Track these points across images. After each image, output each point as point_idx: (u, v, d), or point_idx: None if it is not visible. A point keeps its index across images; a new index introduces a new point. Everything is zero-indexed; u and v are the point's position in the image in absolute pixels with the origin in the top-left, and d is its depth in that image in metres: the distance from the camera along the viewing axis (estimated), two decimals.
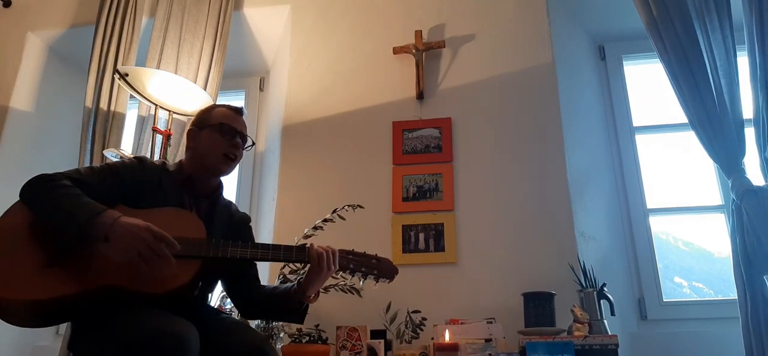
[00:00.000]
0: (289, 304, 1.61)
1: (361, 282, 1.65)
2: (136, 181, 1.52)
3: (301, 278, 1.59)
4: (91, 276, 1.33)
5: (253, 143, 1.71)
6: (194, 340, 1.25)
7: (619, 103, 2.93)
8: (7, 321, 1.33)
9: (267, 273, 2.55)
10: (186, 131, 1.69)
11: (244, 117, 1.71)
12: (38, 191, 1.38)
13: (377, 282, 1.64)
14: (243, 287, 1.70)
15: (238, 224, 1.73)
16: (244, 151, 1.69)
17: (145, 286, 1.34)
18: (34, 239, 1.36)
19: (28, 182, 1.40)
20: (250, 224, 1.79)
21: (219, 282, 1.72)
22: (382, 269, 1.64)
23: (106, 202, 1.40)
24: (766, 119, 2.27)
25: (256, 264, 1.75)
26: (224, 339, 1.41)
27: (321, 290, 2.20)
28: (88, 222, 1.31)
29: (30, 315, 1.35)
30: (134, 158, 1.60)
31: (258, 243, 1.56)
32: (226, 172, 1.67)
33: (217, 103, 1.74)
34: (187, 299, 1.47)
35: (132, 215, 1.40)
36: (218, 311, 1.70)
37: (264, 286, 1.73)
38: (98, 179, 1.47)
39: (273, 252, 1.54)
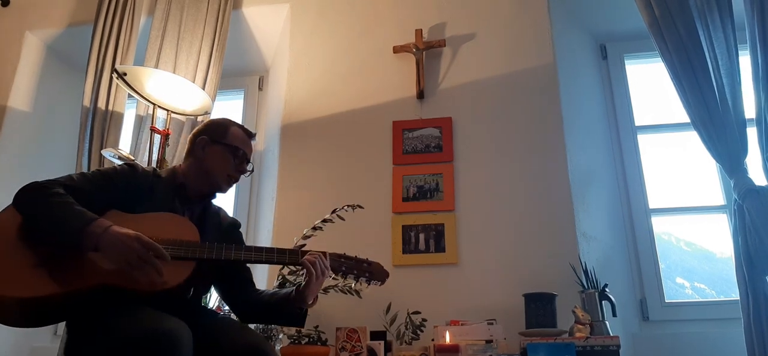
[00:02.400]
0: (288, 310, 1.62)
1: (353, 284, 1.68)
2: (129, 187, 1.52)
3: (299, 284, 1.60)
4: (85, 275, 1.34)
5: (253, 170, 1.74)
6: (186, 337, 1.25)
7: (620, 102, 2.92)
8: None
9: (266, 274, 2.54)
10: (194, 137, 1.69)
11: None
12: (31, 198, 1.38)
13: (369, 284, 1.67)
14: (239, 291, 1.71)
15: (228, 229, 1.74)
16: None
17: (139, 285, 1.34)
18: (27, 239, 1.36)
19: (22, 188, 1.40)
20: (240, 229, 1.81)
21: (212, 288, 1.73)
22: (373, 272, 1.67)
23: (99, 208, 1.41)
24: None
25: (249, 268, 1.76)
26: (223, 339, 1.40)
27: (321, 291, 2.21)
28: (78, 231, 1.32)
29: (21, 313, 1.35)
30: (126, 164, 1.60)
31: (251, 246, 1.58)
32: (225, 191, 1.70)
33: (232, 120, 1.77)
34: (181, 300, 1.47)
35: (126, 220, 1.42)
36: (215, 311, 1.70)
37: (261, 291, 1.73)
38: (91, 185, 1.48)
39: (266, 255, 1.56)
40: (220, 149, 1.65)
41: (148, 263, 1.33)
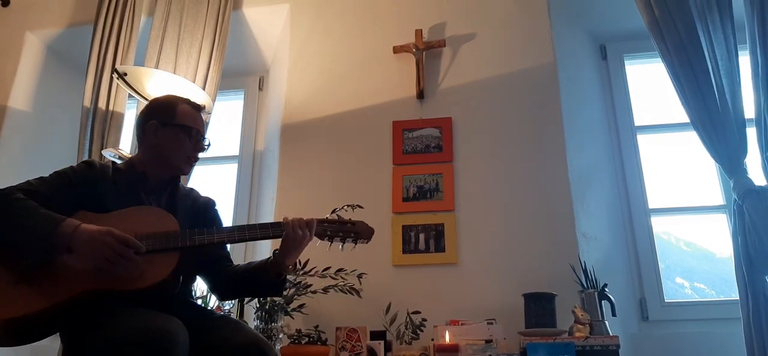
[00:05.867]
0: (266, 277, 1.60)
1: (341, 247, 1.65)
2: (89, 184, 1.49)
3: (277, 250, 1.57)
4: (66, 284, 1.30)
5: (210, 144, 1.69)
6: (182, 336, 1.24)
7: (620, 102, 2.92)
8: None
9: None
10: (142, 123, 1.61)
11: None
12: None
13: (356, 244, 1.66)
14: (216, 270, 1.68)
15: (203, 209, 1.71)
16: None
17: (127, 284, 1.32)
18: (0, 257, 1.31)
19: None
20: (216, 207, 1.77)
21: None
22: (358, 232, 1.66)
23: (63, 210, 1.38)
24: None
25: (226, 246, 1.73)
26: (222, 339, 1.40)
27: (321, 291, 2.22)
28: (48, 234, 1.28)
29: (10, 334, 1.31)
30: (83, 162, 1.57)
31: (233, 226, 1.56)
32: (187, 173, 1.67)
33: (176, 96, 1.71)
34: (170, 293, 1.46)
35: (98, 220, 1.38)
36: (213, 310, 1.69)
37: (237, 265, 1.71)
38: (51, 188, 1.44)
39: (250, 232, 1.54)
40: (172, 132, 1.58)
41: (124, 257, 1.30)
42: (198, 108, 1.67)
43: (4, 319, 1.25)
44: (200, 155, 1.66)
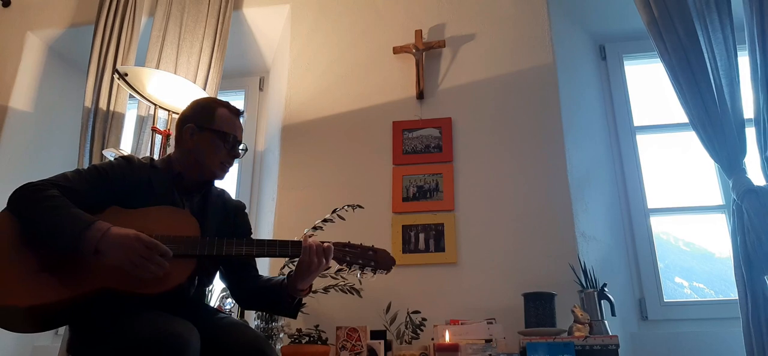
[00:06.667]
0: (280, 297, 1.59)
1: (359, 275, 1.61)
2: (126, 181, 1.49)
3: (292, 271, 1.56)
4: (86, 279, 1.32)
5: (246, 149, 1.69)
6: (195, 340, 1.25)
7: (619, 102, 2.93)
8: (1, 327, 1.33)
9: (267, 270, 2.54)
10: (180, 125, 1.61)
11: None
12: (25, 201, 1.35)
13: (375, 274, 1.60)
14: (241, 278, 1.68)
15: (233, 213, 1.71)
16: None
17: (143, 287, 1.33)
18: (26, 244, 1.33)
19: (15, 191, 1.37)
20: (246, 211, 1.77)
21: (216, 275, 1.71)
22: (379, 260, 1.60)
23: (96, 206, 1.39)
24: (767, 118, 2.27)
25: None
26: (223, 339, 1.41)
27: (322, 291, 2.22)
28: (77, 237, 1.29)
29: (24, 321, 1.34)
30: (121, 158, 1.56)
31: (253, 239, 1.55)
32: (221, 178, 1.64)
33: (216, 99, 1.71)
34: (184, 297, 1.47)
35: (125, 216, 1.40)
36: (217, 310, 1.70)
37: (261, 277, 1.71)
38: (87, 183, 1.44)
39: (268, 248, 1.52)
40: (209, 136, 1.57)
41: (151, 262, 1.31)
42: (237, 112, 1.66)
43: (26, 306, 1.27)
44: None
